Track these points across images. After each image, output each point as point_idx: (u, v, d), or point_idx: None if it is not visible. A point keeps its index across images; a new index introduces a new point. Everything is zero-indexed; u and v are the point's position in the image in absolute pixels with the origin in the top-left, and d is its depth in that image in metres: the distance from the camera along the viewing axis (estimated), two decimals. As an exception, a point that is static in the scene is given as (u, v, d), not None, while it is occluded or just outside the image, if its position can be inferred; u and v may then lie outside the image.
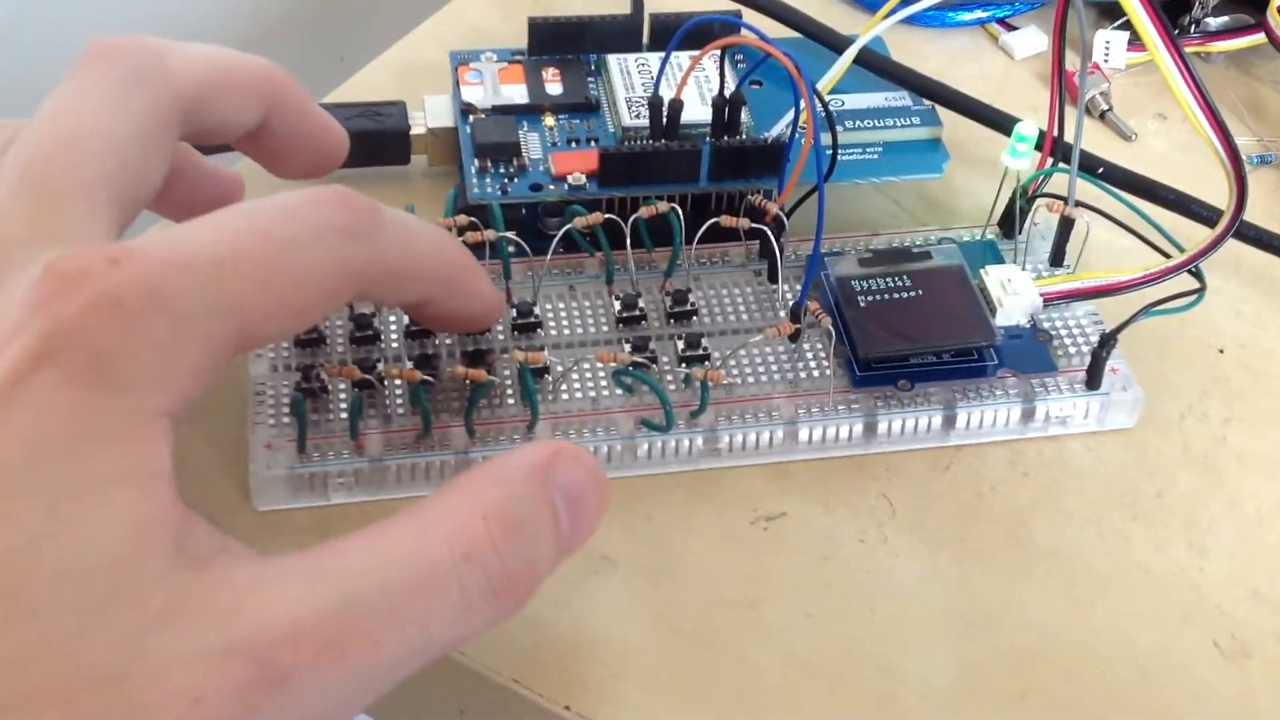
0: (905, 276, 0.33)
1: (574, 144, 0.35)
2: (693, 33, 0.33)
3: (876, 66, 0.38)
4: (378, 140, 0.36)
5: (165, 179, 0.25)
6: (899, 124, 0.37)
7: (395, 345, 0.31)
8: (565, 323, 0.32)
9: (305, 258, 0.22)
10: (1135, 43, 0.42)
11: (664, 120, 0.34)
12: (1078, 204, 0.33)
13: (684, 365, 0.31)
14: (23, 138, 0.23)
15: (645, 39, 0.38)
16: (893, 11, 0.36)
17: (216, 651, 0.19)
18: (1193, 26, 0.43)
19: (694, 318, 0.32)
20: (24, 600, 0.18)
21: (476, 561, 0.21)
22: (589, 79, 0.37)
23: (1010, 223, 0.35)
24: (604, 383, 0.31)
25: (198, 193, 0.29)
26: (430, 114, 0.36)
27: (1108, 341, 0.31)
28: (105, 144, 0.23)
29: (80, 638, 0.18)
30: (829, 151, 0.34)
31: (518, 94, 0.36)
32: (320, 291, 0.23)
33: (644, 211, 0.32)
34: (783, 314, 0.33)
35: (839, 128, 0.36)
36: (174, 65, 0.25)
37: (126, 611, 0.19)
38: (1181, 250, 0.32)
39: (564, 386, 0.31)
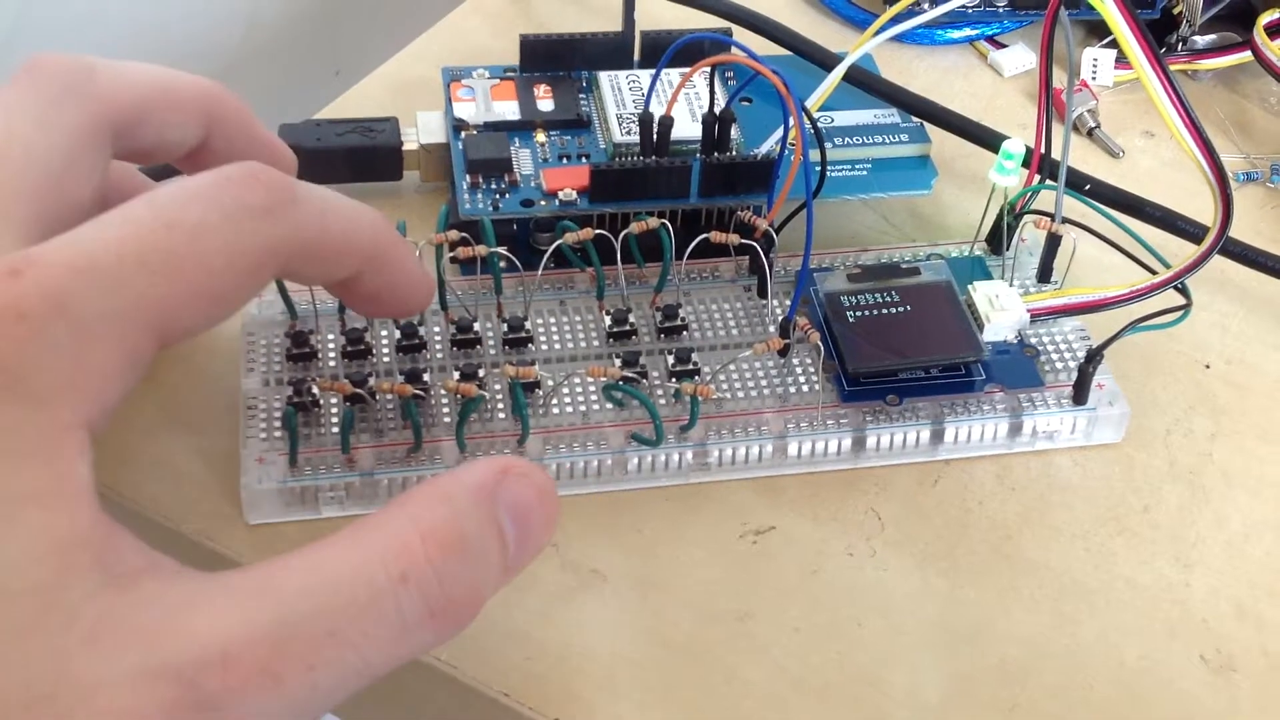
0: (894, 292, 0.33)
1: (565, 160, 0.35)
2: (683, 50, 0.33)
3: (866, 84, 0.38)
4: (370, 156, 0.36)
5: (101, 198, 0.24)
6: (888, 141, 0.37)
7: (387, 360, 0.31)
8: (556, 337, 0.32)
9: (215, 242, 0.21)
10: (1123, 60, 0.42)
11: (654, 137, 0.34)
12: (1065, 220, 0.34)
13: (674, 380, 0.31)
14: None
15: (636, 56, 0.38)
16: (881, 30, 0.36)
17: (144, 672, 0.19)
18: (1180, 44, 0.43)
19: (684, 333, 0.33)
20: None
21: (414, 583, 0.21)
22: (580, 96, 0.37)
23: (998, 239, 0.35)
24: (594, 397, 0.31)
25: None
26: (423, 130, 0.37)
27: (1094, 357, 0.32)
28: (28, 158, 0.22)
29: (2, 661, 0.18)
30: (818, 168, 0.34)
31: (510, 110, 0.36)
32: (236, 274, 0.22)
33: (634, 227, 0.32)
34: (772, 329, 0.33)
35: (828, 144, 0.36)
36: (104, 82, 0.25)
37: (50, 634, 0.18)
38: (1168, 266, 0.32)
39: (555, 401, 0.31)
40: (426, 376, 0.31)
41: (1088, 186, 0.37)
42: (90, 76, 0.24)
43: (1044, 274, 0.35)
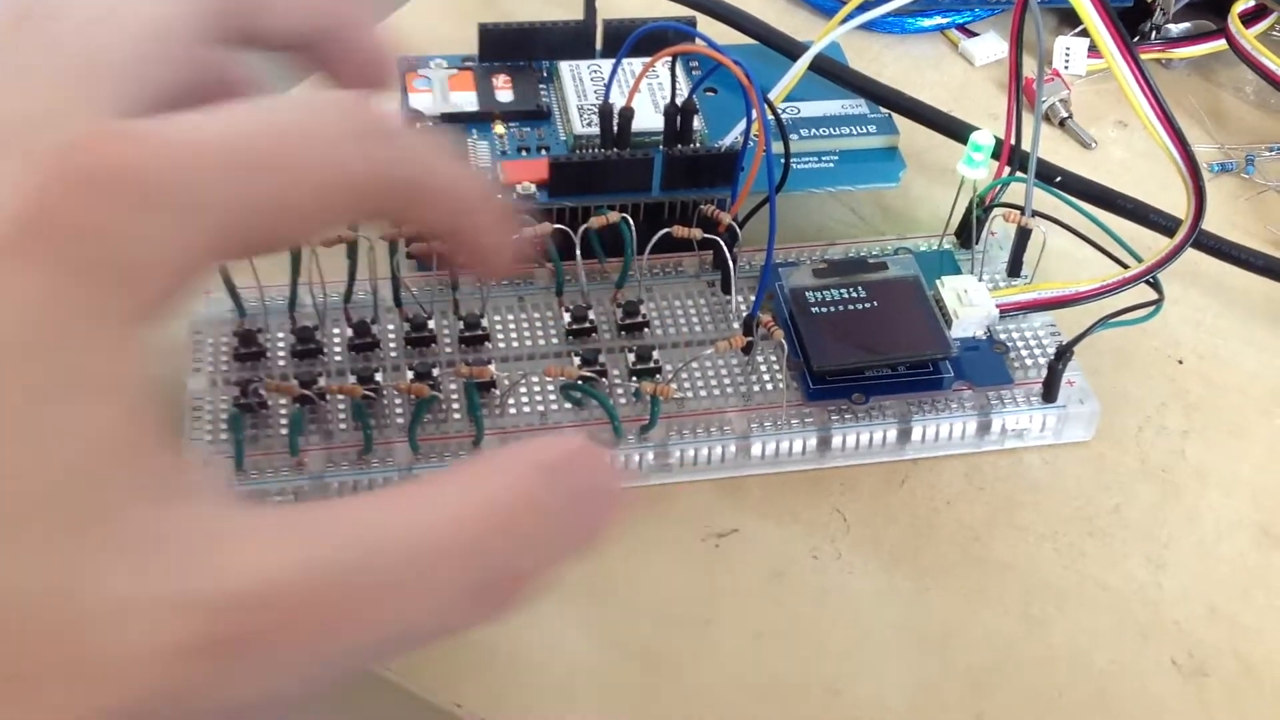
0: (860, 288, 0.32)
1: (524, 152, 0.35)
2: (645, 39, 0.32)
3: (832, 74, 0.37)
4: (325, 148, 0.35)
5: (206, 88, 0.23)
6: (855, 132, 0.36)
7: (339, 359, 0.31)
8: (514, 335, 0.31)
9: (320, 156, 0.20)
10: (1095, 49, 0.42)
11: (615, 128, 0.33)
12: (1035, 214, 0.33)
13: (634, 379, 0.31)
14: (55, 6, 0.21)
15: (599, 45, 0.37)
16: (849, 17, 0.36)
17: (174, 601, 0.16)
18: (1154, 33, 0.43)
19: (645, 330, 0.32)
20: None
21: (471, 554, 0.19)
22: (541, 86, 0.36)
23: (967, 232, 0.34)
24: (552, 396, 0.30)
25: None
26: (378, 121, 0.36)
27: (1064, 353, 0.31)
28: (142, 27, 0.21)
29: (14, 561, 0.16)
30: (781, 160, 0.33)
31: (467, 101, 0.35)
32: (332, 195, 0.20)
33: (595, 221, 0.31)
34: (735, 326, 0.32)
35: (794, 136, 0.35)
36: None
37: (76, 539, 0.16)
38: (1140, 260, 0.32)
39: (511, 401, 0.30)
40: (379, 376, 0.30)
41: (1058, 179, 0.36)
42: None
43: (1014, 268, 0.34)
